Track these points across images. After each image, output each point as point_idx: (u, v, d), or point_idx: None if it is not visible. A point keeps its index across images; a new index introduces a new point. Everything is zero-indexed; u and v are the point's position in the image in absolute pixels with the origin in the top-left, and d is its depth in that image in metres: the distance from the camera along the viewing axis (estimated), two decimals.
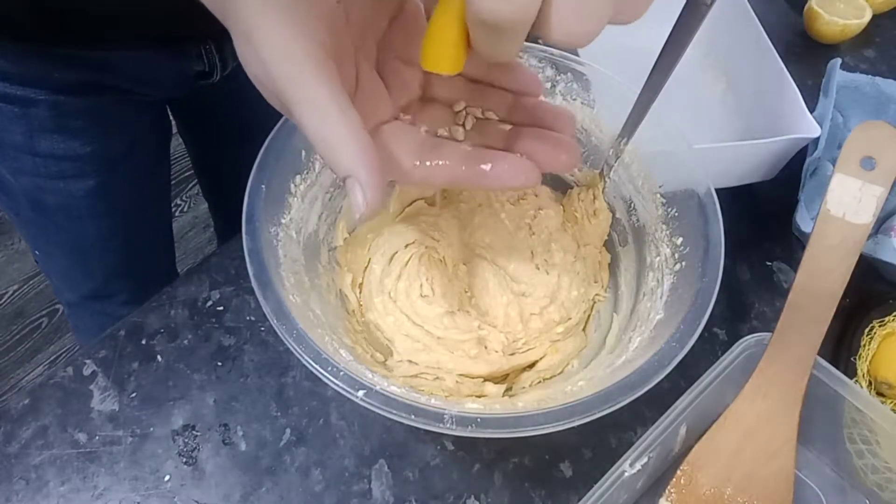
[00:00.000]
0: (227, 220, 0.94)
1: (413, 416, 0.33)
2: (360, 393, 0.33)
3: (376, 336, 0.46)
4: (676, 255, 0.43)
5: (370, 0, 0.31)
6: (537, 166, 0.31)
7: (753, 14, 0.63)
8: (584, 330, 0.49)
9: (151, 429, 0.46)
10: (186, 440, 0.46)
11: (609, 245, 0.50)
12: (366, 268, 0.48)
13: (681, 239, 0.43)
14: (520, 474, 0.45)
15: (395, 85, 0.33)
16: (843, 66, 0.62)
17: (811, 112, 0.56)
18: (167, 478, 0.44)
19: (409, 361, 0.44)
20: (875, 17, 0.72)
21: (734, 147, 0.55)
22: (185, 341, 0.49)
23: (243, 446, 0.45)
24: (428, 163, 0.31)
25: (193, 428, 0.46)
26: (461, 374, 0.44)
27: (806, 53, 0.70)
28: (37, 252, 0.70)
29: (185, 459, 0.45)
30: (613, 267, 0.50)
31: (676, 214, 0.44)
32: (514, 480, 0.45)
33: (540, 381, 0.46)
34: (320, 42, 0.26)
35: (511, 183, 0.31)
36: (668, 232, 0.45)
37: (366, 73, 0.32)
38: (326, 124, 0.26)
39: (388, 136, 0.31)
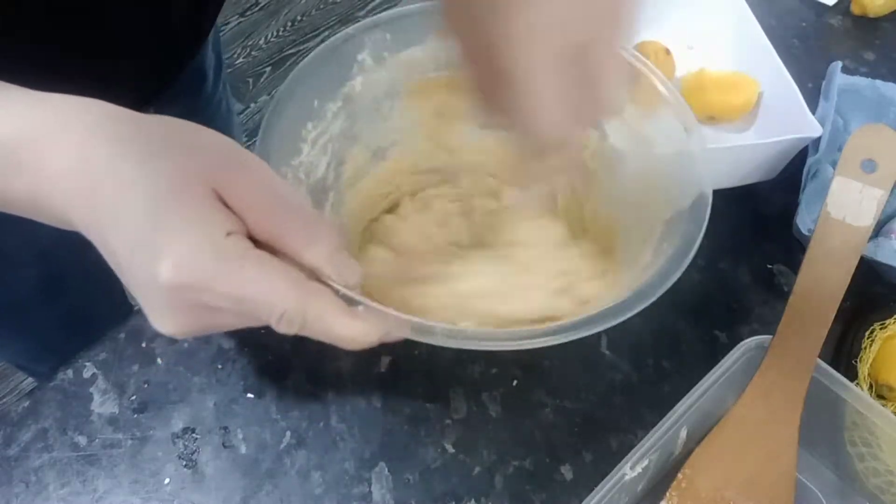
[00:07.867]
0: None
1: (409, 330, 0.33)
2: (360, 308, 0.33)
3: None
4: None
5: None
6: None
7: (753, 16, 0.63)
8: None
9: (151, 432, 0.46)
10: (186, 443, 0.45)
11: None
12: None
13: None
14: (520, 477, 0.45)
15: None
16: (844, 69, 0.62)
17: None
18: (167, 481, 0.44)
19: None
20: (875, 20, 0.72)
21: (734, 149, 0.55)
22: (185, 344, 0.49)
23: (243, 449, 0.45)
24: None
25: (193, 431, 0.46)
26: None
27: (805, 57, 0.70)
28: None
29: (184, 462, 0.45)
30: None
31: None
32: (515, 483, 0.45)
33: None
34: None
35: None
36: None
37: None
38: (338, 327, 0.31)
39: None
